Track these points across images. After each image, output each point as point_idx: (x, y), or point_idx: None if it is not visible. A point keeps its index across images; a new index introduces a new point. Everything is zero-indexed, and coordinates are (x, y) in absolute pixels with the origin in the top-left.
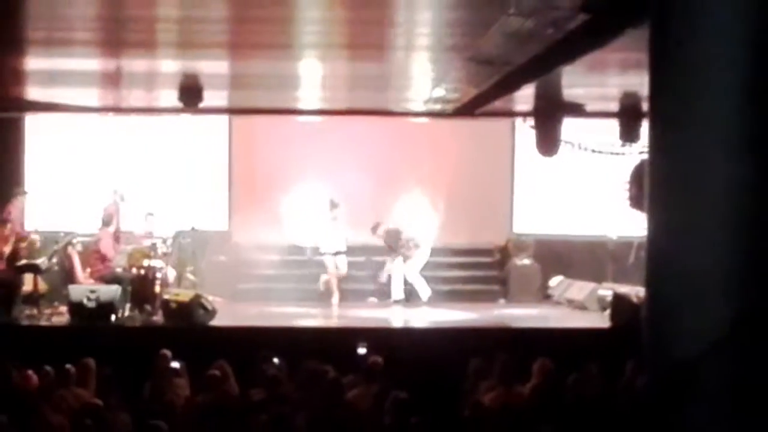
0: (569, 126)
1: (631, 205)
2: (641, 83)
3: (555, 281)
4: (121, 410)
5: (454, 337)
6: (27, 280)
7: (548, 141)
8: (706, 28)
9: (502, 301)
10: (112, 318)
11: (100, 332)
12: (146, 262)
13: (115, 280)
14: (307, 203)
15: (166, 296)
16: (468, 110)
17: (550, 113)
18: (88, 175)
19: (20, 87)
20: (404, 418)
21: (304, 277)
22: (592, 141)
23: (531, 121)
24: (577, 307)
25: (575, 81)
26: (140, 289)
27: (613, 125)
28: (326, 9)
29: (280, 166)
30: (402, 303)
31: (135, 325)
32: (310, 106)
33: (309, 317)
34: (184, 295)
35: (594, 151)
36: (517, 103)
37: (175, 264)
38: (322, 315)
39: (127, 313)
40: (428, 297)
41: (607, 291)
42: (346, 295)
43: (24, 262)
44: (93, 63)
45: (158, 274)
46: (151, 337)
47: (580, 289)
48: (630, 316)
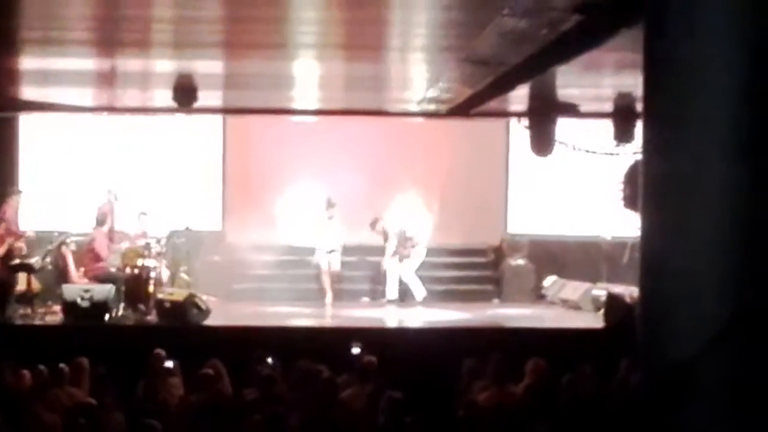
0: (563, 126)
1: (626, 206)
2: (636, 84)
3: (549, 281)
4: (114, 409)
5: (449, 337)
6: (21, 280)
7: (543, 141)
8: (701, 28)
9: (496, 301)
10: (106, 317)
11: (93, 331)
12: (140, 262)
13: (109, 280)
14: (302, 203)
15: (160, 296)
16: (463, 110)
17: (545, 113)
18: (82, 174)
19: (15, 86)
20: (398, 417)
21: (298, 277)
22: (586, 141)
23: (525, 122)
24: (571, 307)
25: (570, 81)
26: (134, 288)
27: (608, 126)
28: (321, 9)
29: (274, 166)
30: (396, 303)
31: (129, 324)
32: (304, 106)
33: (303, 317)
34: (178, 294)
35: (588, 152)
36: (512, 103)
37: (169, 263)
38: (316, 315)
39: (120, 313)
40: (423, 297)
41: (601, 291)
42: (341, 295)
43: (18, 261)
44: (88, 63)
45: (152, 274)
46: (145, 337)
47: (574, 289)
48: (624, 316)
